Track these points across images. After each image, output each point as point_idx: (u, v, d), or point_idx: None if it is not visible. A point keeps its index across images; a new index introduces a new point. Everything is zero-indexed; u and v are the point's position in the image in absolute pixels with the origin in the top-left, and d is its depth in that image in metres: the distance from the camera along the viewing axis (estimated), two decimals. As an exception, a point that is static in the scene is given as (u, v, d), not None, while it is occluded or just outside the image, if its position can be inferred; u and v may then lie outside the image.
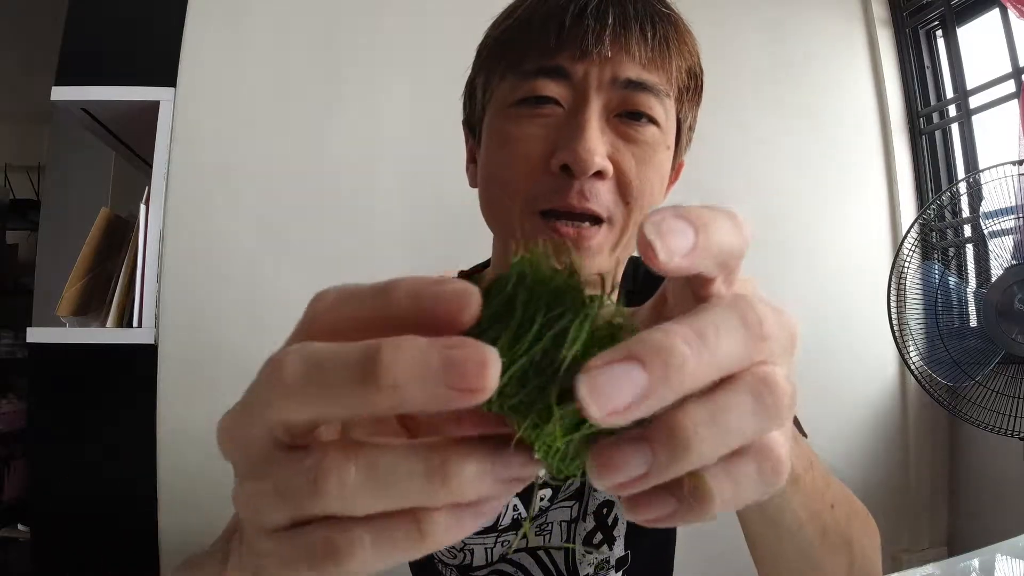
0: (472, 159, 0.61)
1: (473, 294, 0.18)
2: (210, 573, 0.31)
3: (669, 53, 0.52)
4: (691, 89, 0.56)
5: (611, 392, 0.16)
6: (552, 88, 0.51)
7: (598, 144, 0.49)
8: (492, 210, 0.55)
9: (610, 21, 0.49)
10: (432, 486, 0.18)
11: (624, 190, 0.51)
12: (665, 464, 0.18)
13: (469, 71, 0.60)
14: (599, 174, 0.49)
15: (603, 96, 0.50)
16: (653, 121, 0.52)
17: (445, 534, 0.18)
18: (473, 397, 0.17)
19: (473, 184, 0.60)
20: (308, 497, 0.18)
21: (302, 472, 0.18)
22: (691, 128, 0.59)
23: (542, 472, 0.20)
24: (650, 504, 0.19)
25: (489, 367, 0.17)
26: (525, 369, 0.18)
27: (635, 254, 0.64)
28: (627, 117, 0.51)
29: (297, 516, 0.19)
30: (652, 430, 0.18)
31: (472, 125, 0.60)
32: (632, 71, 0.50)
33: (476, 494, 0.18)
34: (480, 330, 0.18)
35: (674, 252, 0.19)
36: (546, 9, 0.51)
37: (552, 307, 0.18)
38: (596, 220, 0.50)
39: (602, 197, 0.50)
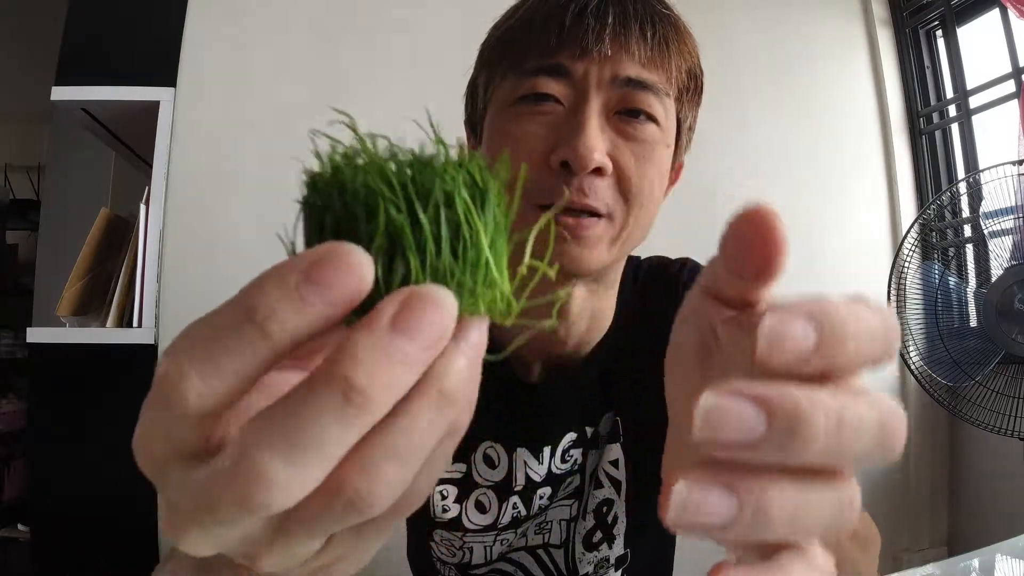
0: None
1: (349, 251, 0.17)
2: None
3: (669, 53, 0.52)
4: (691, 89, 0.56)
5: (727, 430, 0.17)
6: (552, 86, 0.51)
7: (597, 141, 0.49)
8: None
9: (610, 20, 0.50)
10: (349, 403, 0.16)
11: (623, 187, 0.51)
12: (780, 440, 0.17)
13: (471, 71, 0.60)
14: (598, 171, 0.50)
15: (603, 94, 0.51)
16: (652, 119, 0.52)
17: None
18: (353, 294, 0.17)
19: None
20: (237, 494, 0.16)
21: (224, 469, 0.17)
22: (691, 128, 0.59)
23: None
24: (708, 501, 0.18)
25: (356, 262, 0.17)
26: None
27: (634, 254, 0.64)
28: (626, 115, 0.51)
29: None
30: (772, 400, 0.17)
31: (473, 124, 0.60)
32: (632, 69, 0.51)
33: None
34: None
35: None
36: (547, 9, 0.52)
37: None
38: (596, 215, 0.50)
39: (601, 193, 0.50)
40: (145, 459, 0.18)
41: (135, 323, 1.33)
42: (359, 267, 0.17)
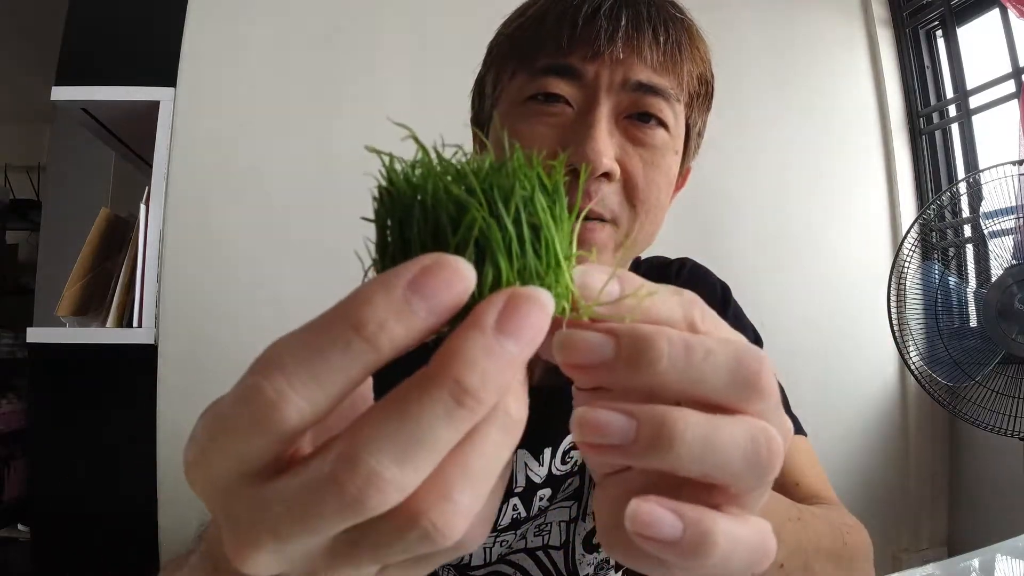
0: None
1: (453, 260, 0.17)
2: None
3: (681, 57, 0.52)
4: (701, 95, 0.56)
5: (577, 352, 0.19)
6: (562, 87, 0.50)
7: (606, 146, 0.49)
8: None
9: (623, 23, 0.49)
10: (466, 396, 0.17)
11: (631, 192, 0.51)
12: (646, 446, 0.18)
13: (479, 69, 0.59)
14: (606, 176, 0.49)
15: (613, 98, 0.50)
16: (662, 124, 0.51)
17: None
18: (459, 302, 0.17)
19: None
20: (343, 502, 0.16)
21: (320, 482, 0.16)
22: (700, 134, 0.59)
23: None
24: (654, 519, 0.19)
25: (462, 270, 0.17)
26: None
27: (640, 255, 0.64)
28: (637, 119, 0.51)
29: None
30: (640, 411, 0.19)
31: (480, 123, 0.60)
32: (643, 74, 0.50)
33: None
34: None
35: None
36: (560, 8, 0.51)
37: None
38: (602, 220, 0.50)
39: (608, 199, 0.50)
40: (206, 481, 0.18)
41: (135, 323, 1.33)
42: (465, 276, 0.17)
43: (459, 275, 0.17)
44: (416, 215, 0.19)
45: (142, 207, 1.36)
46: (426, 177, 0.19)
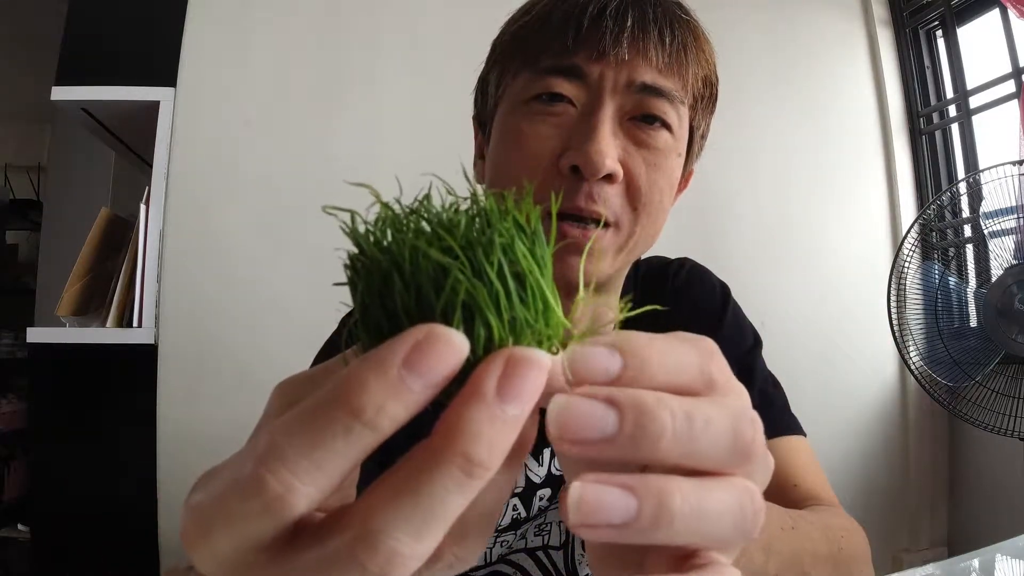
0: (480, 155, 0.61)
1: (445, 333, 0.17)
2: None
3: (686, 60, 0.51)
4: (706, 97, 0.55)
5: (575, 426, 0.18)
6: (567, 87, 0.50)
7: (609, 147, 0.48)
8: None
9: (629, 24, 0.49)
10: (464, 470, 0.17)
11: (633, 195, 0.51)
12: (647, 525, 0.18)
13: (477, 70, 0.59)
14: (609, 177, 0.49)
15: (617, 99, 0.50)
16: (666, 126, 0.51)
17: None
18: (453, 372, 0.17)
19: (480, 180, 0.60)
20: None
21: (336, 556, 0.17)
22: (703, 136, 0.58)
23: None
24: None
25: (455, 342, 0.17)
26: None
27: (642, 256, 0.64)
28: (641, 121, 0.51)
29: None
30: (641, 487, 0.18)
31: (482, 121, 0.60)
32: (648, 75, 0.50)
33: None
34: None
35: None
36: (565, 8, 0.51)
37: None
38: (604, 224, 0.50)
39: (610, 201, 0.50)
40: (212, 557, 0.18)
41: (135, 323, 1.33)
42: (458, 347, 0.17)
43: (453, 347, 0.17)
44: (396, 284, 0.18)
45: (142, 207, 1.36)
46: (400, 242, 0.18)
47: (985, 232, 1.41)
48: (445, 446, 0.17)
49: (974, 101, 1.78)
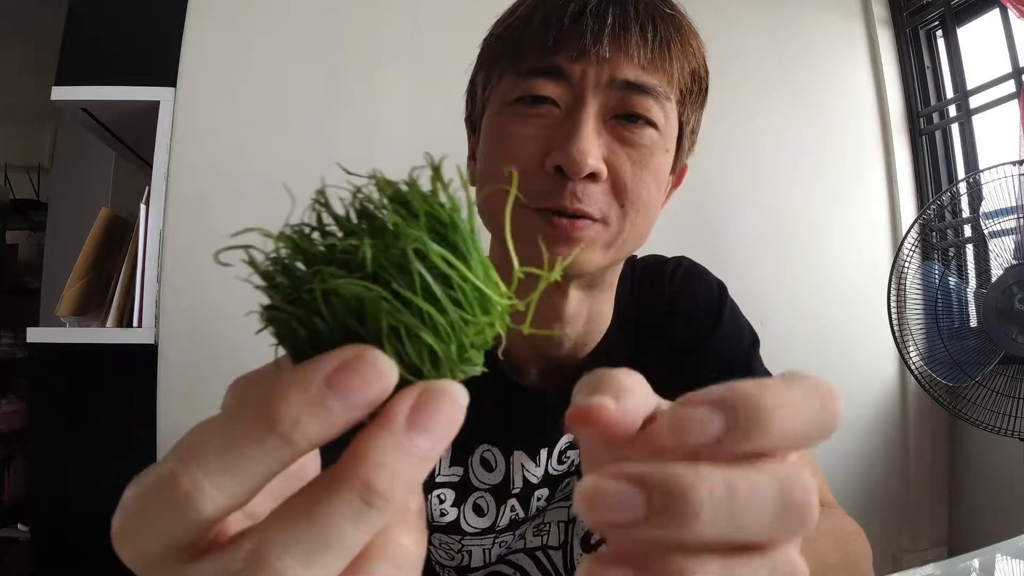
0: (473, 156, 0.61)
1: (372, 358, 0.17)
2: None
3: (670, 55, 0.51)
4: (694, 92, 0.55)
5: (602, 508, 0.17)
6: (549, 88, 0.50)
7: (592, 146, 0.48)
8: (488, 207, 0.55)
9: (609, 21, 0.49)
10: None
11: (619, 192, 0.51)
12: (663, 523, 0.17)
13: (471, 69, 0.60)
14: (593, 176, 0.49)
15: (600, 97, 0.50)
16: (651, 124, 0.51)
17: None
18: (378, 399, 0.17)
19: (472, 182, 0.60)
20: None
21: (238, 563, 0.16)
22: (694, 131, 0.58)
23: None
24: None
25: (382, 368, 0.17)
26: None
27: (634, 253, 0.64)
28: (624, 119, 0.51)
29: None
30: (652, 479, 0.17)
31: (473, 122, 0.60)
32: (630, 72, 0.50)
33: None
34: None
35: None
36: (547, 7, 0.51)
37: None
38: (591, 219, 0.50)
39: (595, 198, 0.50)
40: (133, 554, 0.17)
41: (135, 323, 1.33)
42: (385, 373, 0.17)
43: (378, 373, 0.17)
44: (320, 327, 0.17)
45: (142, 207, 1.36)
46: (307, 281, 0.18)
47: (985, 232, 1.41)
48: (346, 472, 0.16)
49: (974, 101, 1.78)
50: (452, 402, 0.17)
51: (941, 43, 1.90)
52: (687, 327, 0.61)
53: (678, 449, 0.18)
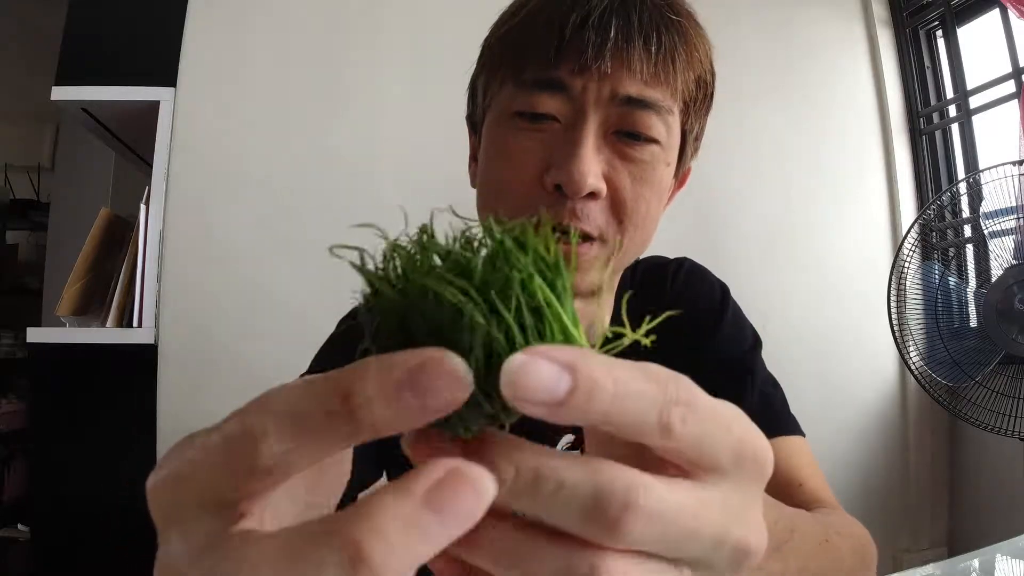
0: (474, 157, 0.61)
1: (455, 364, 0.16)
2: None
3: (674, 67, 0.50)
4: (699, 99, 0.54)
5: (530, 387, 0.17)
6: (549, 104, 0.49)
7: (592, 164, 0.48)
8: (488, 214, 0.55)
9: (612, 34, 0.48)
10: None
11: (618, 209, 0.50)
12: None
13: (473, 67, 0.59)
14: (592, 195, 0.49)
15: (601, 112, 0.49)
16: (653, 140, 0.50)
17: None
18: (448, 407, 0.16)
19: (474, 183, 0.60)
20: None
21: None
22: (697, 137, 0.57)
23: None
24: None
25: (462, 378, 0.16)
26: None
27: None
28: (625, 136, 0.50)
29: None
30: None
31: (474, 123, 0.60)
32: (633, 87, 0.49)
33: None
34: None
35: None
36: (548, 14, 0.50)
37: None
38: (589, 239, 0.50)
39: (594, 217, 0.49)
40: (170, 505, 0.18)
41: (135, 323, 1.33)
42: (463, 385, 0.16)
43: (457, 383, 0.16)
44: (415, 323, 0.18)
45: (142, 207, 1.36)
46: (414, 283, 0.18)
47: (985, 232, 1.41)
48: (343, 524, 0.15)
49: (974, 101, 1.78)
50: (477, 494, 0.16)
51: (941, 43, 1.90)
52: (689, 328, 0.61)
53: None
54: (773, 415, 0.62)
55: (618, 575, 0.18)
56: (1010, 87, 1.66)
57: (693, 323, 0.62)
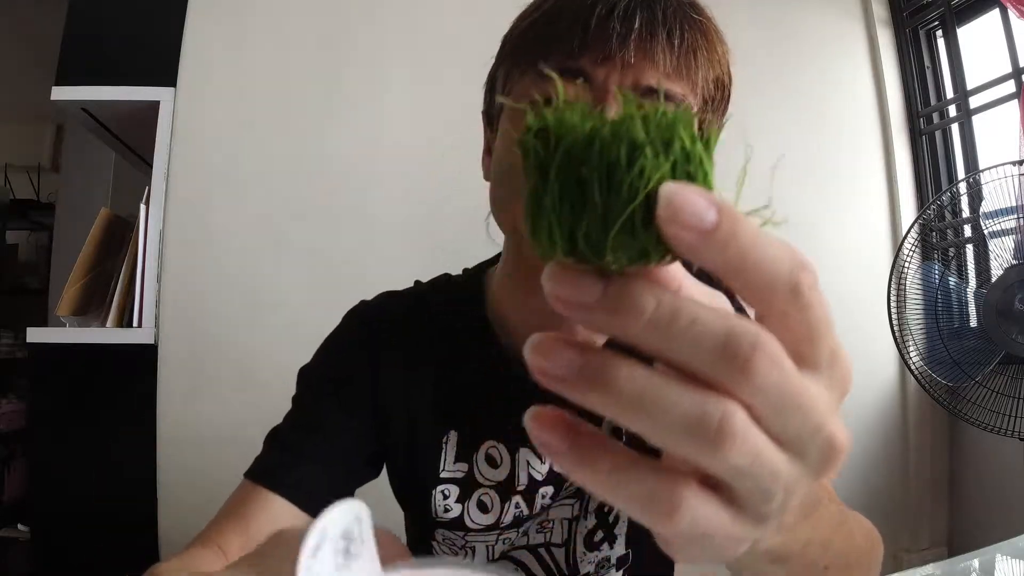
0: (488, 151, 0.61)
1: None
2: None
3: (695, 63, 0.51)
4: (717, 99, 0.55)
5: (565, 287, 0.19)
6: (570, 91, 0.50)
7: None
8: (501, 207, 0.55)
9: (636, 26, 0.48)
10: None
11: None
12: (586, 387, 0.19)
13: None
14: None
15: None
16: None
17: None
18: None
19: (487, 176, 0.60)
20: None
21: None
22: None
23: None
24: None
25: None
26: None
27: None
28: None
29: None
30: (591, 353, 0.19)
31: (490, 116, 0.60)
32: (654, 79, 0.49)
33: None
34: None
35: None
36: (574, 7, 0.50)
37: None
38: None
39: None
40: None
41: (135, 323, 1.33)
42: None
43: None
44: (589, 157, 0.18)
45: (142, 207, 1.36)
46: (595, 124, 0.19)
47: (985, 232, 1.41)
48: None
49: (974, 101, 1.78)
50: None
51: (941, 43, 1.90)
52: None
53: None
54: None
55: (744, 427, 0.18)
56: (1010, 87, 1.66)
57: None
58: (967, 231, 1.65)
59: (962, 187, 1.50)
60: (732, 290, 0.20)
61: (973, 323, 1.42)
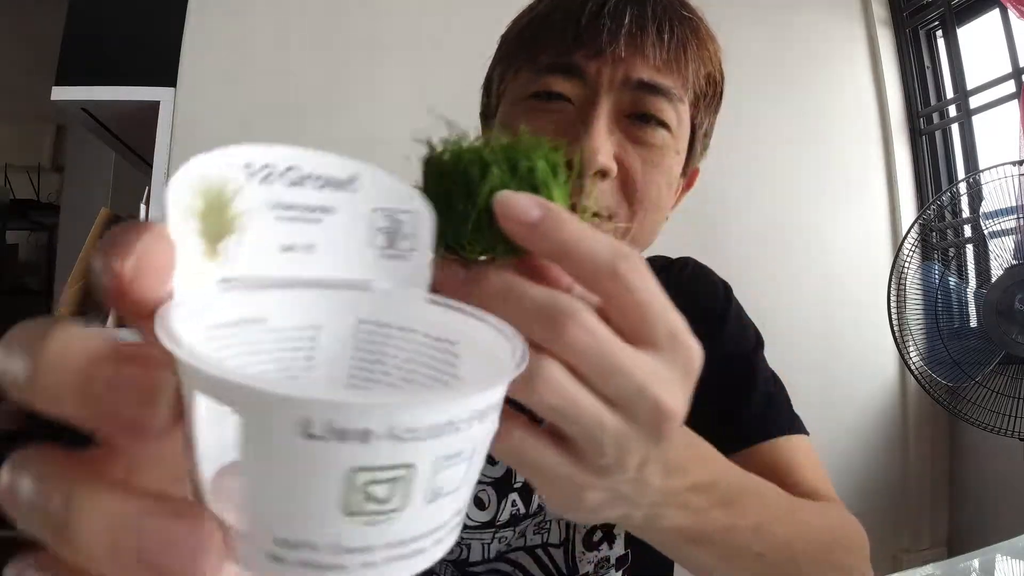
0: None
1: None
2: None
3: (686, 57, 0.51)
4: (709, 95, 0.55)
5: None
6: (564, 85, 0.51)
7: (602, 143, 0.49)
8: None
9: (627, 21, 0.49)
10: None
11: (628, 190, 0.51)
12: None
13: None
14: (603, 174, 0.49)
15: (614, 96, 0.50)
16: (663, 125, 0.51)
17: None
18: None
19: None
20: None
21: None
22: (707, 135, 0.59)
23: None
24: None
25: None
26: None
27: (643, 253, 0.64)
28: (637, 119, 0.51)
29: None
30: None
31: (487, 117, 0.61)
32: (645, 72, 0.50)
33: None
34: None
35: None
36: (566, 6, 0.52)
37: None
38: (597, 216, 0.50)
39: (604, 196, 0.50)
40: None
41: (135, 323, 1.33)
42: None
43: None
44: (453, 176, 0.24)
45: (142, 207, 1.36)
46: (459, 152, 0.25)
47: (985, 232, 1.41)
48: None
49: (974, 101, 1.78)
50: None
51: (941, 43, 1.91)
52: (692, 327, 0.61)
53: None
54: (777, 414, 0.62)
55: (555, 374, 0.22)
56: (1010, 87, 1.66)
57: (697, 321, 0.62)
58: (967, 231, 1.65)
59: (962, 187, 1.50)
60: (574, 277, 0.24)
61: (973, 323, 1.42)
